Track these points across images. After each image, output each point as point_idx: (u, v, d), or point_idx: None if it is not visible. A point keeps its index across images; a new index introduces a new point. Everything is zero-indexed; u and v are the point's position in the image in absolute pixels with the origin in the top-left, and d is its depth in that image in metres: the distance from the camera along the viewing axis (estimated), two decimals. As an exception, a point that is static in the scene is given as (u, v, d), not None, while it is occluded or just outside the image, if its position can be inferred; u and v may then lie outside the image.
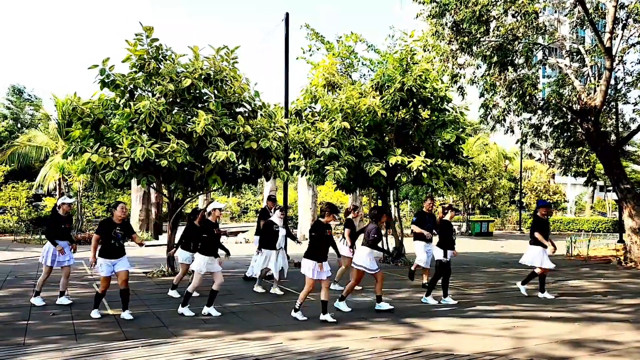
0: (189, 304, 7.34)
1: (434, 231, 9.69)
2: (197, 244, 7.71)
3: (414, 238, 10.19)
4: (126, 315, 7.01)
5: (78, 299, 8.38)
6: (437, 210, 11.56)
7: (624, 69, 17.00)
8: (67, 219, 8.07)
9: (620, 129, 18.21)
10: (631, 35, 15.12)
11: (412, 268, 10.10)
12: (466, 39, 14.21)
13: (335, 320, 6.89)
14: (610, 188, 25.03)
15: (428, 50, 15.40)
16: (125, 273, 6.97)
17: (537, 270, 9.05)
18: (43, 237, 22.67)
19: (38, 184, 28.20)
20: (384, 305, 7.71)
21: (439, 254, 8.44)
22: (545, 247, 8.97)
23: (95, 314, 7.09)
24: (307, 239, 24.55)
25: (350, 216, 9.52)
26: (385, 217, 7.93)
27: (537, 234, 8.98)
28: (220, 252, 7.52)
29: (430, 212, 10.42)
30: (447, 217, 8.44)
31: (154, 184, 11.09)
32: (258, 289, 9.42)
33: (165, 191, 11.73)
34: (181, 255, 8.90)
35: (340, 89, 14.34)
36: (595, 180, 31.28)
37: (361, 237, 7.93)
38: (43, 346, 5.59)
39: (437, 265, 8.45)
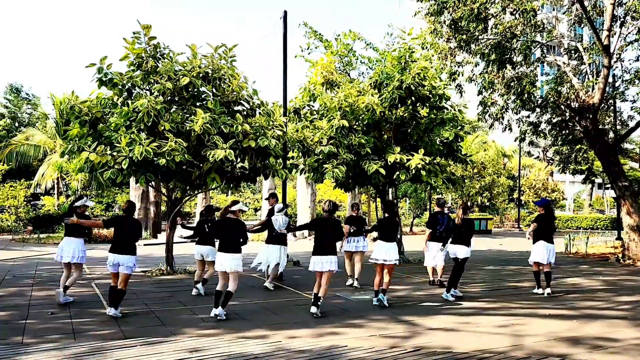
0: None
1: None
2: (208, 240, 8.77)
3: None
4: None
5: (77, 298, 8.37)
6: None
7: (622, 67, 17.02)
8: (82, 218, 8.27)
9: (618, 127, 18.26)
10: (629, 33, 15.13)
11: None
12: (464, 36, 14.20)
13: None
14: (609, 185, 25.09)
15: (426, 48, 15.40)
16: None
17: (533, 268, 9.28)
18: (42, 236, 22.66)
19: (36, 183, 28.20)
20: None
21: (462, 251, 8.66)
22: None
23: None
24: (306, 237, 24.06)
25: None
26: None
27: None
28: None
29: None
30: (467, 216, 8.85)
31: (153, 183, 11.08)
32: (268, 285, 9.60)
33: (163, 190, 11.71)
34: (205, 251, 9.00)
35: (338, 87, 14.32)
36: (593, 178, 31.25)
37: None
38: (42, 345, 5.58)
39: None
